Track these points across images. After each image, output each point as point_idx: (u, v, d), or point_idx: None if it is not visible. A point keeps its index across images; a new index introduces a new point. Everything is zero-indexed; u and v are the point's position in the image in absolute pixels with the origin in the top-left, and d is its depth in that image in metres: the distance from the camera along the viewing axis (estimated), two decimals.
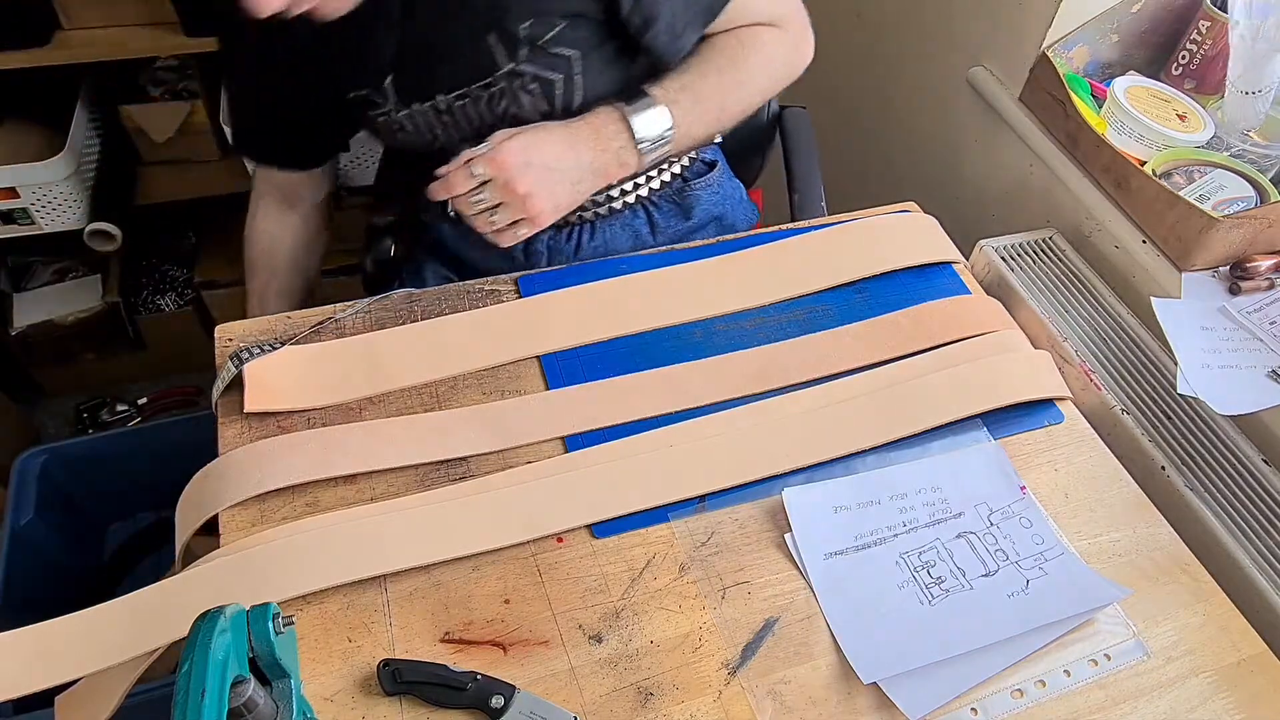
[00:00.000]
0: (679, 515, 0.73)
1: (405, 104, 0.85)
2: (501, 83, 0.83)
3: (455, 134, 0.88)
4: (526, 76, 0.83)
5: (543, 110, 0.85)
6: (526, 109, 0.85)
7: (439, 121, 0.86)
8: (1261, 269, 0.89)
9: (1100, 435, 0.82)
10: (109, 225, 1.43)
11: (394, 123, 0.87)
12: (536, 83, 0.83)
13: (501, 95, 0.84)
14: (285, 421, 0.76)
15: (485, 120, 0.86)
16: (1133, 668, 0.67)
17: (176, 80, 1.49)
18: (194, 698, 0.44)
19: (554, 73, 0.83)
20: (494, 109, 0.85)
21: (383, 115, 0.86)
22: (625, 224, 0.99)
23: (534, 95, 0.84)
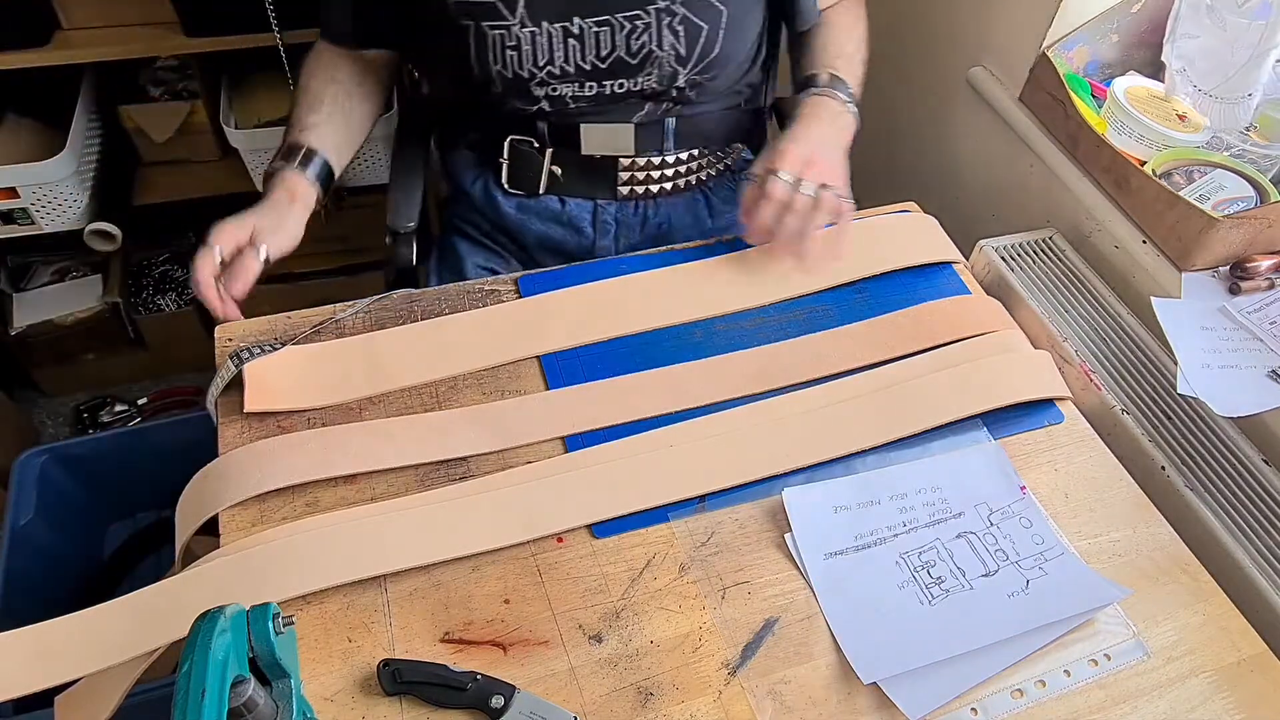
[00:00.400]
0: (679, 515, 0.73)
1: (534, 20, 0.84)
2: (649, 16, 0.84)
3: (570, 65, 0.86)
4: (677, 16, 0.85)
5: (678, 54, 0.87)
6: (664, 49, 0.87)
7: (562, 46, 0.85)
8: (1261, 269, 0.88)
9: (1100, 435, 0.82)
10: (109, 225, 1.43)
11: (507, 39, 0.84)
12: (684, 25, 0.86)
13: (645, 29, 0.85)
14: (285, 421, 0.76)
15: (614, 52, 0.86)
16: (1133, 668, 0.67)
17: (176, 80, 1.48)
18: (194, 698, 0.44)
19: (702, 20, 0.86)
20: (631, 42, 0.86)
21: (499, 28, 0.84)
22: (687, 204, 1.04)
23: (676, 36, 0.86)
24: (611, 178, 0.98)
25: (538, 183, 0.99)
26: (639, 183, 0.99)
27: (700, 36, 0.87)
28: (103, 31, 1.28)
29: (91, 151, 1.43)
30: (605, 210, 1.01)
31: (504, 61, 0.86)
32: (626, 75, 0.88)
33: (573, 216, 1.01)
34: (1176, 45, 0.96)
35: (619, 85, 0.89)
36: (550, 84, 0.88)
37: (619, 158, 0.97)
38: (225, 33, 1.29)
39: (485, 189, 1.02)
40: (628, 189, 0.99)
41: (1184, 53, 0.96)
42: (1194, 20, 0.94)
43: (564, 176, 0.99)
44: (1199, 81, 0.95)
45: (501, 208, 1.02)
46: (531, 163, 0.98)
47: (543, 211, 1.01)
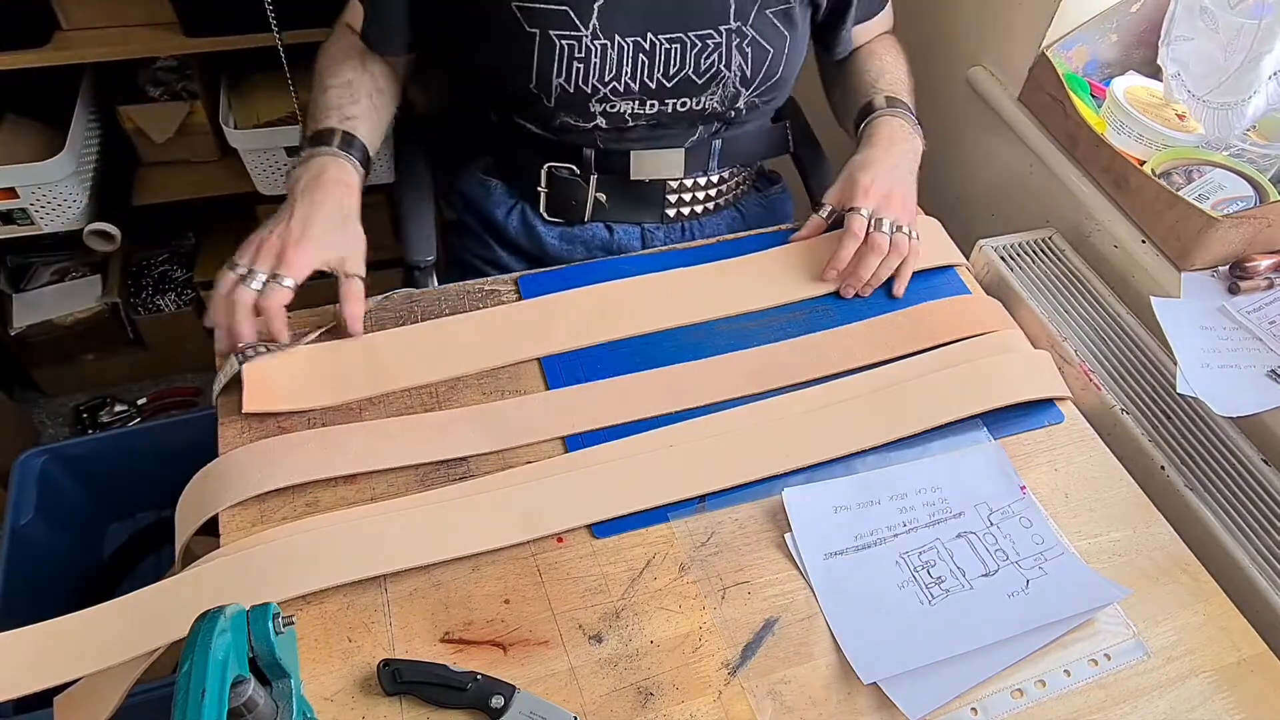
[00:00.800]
0: (679, 515, 0.73)
1: (607, 33, 0.83)
2: (720, 36, 0.85)
3: (636, 81, 0.86)
4: (747, 38, 0.86)
5: (743, 75, 0.88)
6: (731, 70, 0.87)
7: (631, 61, 0.84)
8: (1261, 269, 0.89)
9: (1100, 435, 0.82)
10: (109, 225, 1.43)
11: (576, 50, 0.83)
12: (752, 48, 0.87)
13: (715, 49, 0.86)
14: (285, 421, 0.76)
15: (682, 70, 0.86)
16: (1133, 668, 0.67)
17: (176, 80, 1.48)
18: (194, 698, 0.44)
19: (770, 44, 0.88)
20: (700, 61, 0.86)
21: (569, 39, 0.83)
22: (728, 223, 1.04)
23: (745, 58, 0.87)
24: (659, 201, 0.98)
25: (582, 210, 0.98)
26: (685, 204, 0.99)
27: (766, 60, 0.88)
28: (102, 31, 1.28)
29: (91, 151, 1.43)
30: (654, 235, 1.01)
31: (568, 74, 0.84)
32: (690, 95, 0.89)
33: (622, 244, 1.00)
34: (1171, 48, 0.96)
35: (680, 104, 0.89)
36: (611, 101, 0.87)
37: (667, 181, 0.96)
38: (225, 33, 1.29)
39: (524, 220, 1.00)
40: (674, 211, 0.99)
41: (1178, 56, 0.96)
42: (1188, 22, 0.94)
43: (609, 202, 0.97)
44: (1193, 87, 0.95)
45: (544, 239, 1.00)
46: (575, 190, 0.96)
47: (589, 240, 1.00)
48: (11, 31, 1.21)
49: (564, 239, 1.00)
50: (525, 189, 0.99)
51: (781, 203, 1.10)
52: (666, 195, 0.98)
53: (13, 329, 1.59)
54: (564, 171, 0.95)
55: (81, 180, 1.39)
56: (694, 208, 1.00)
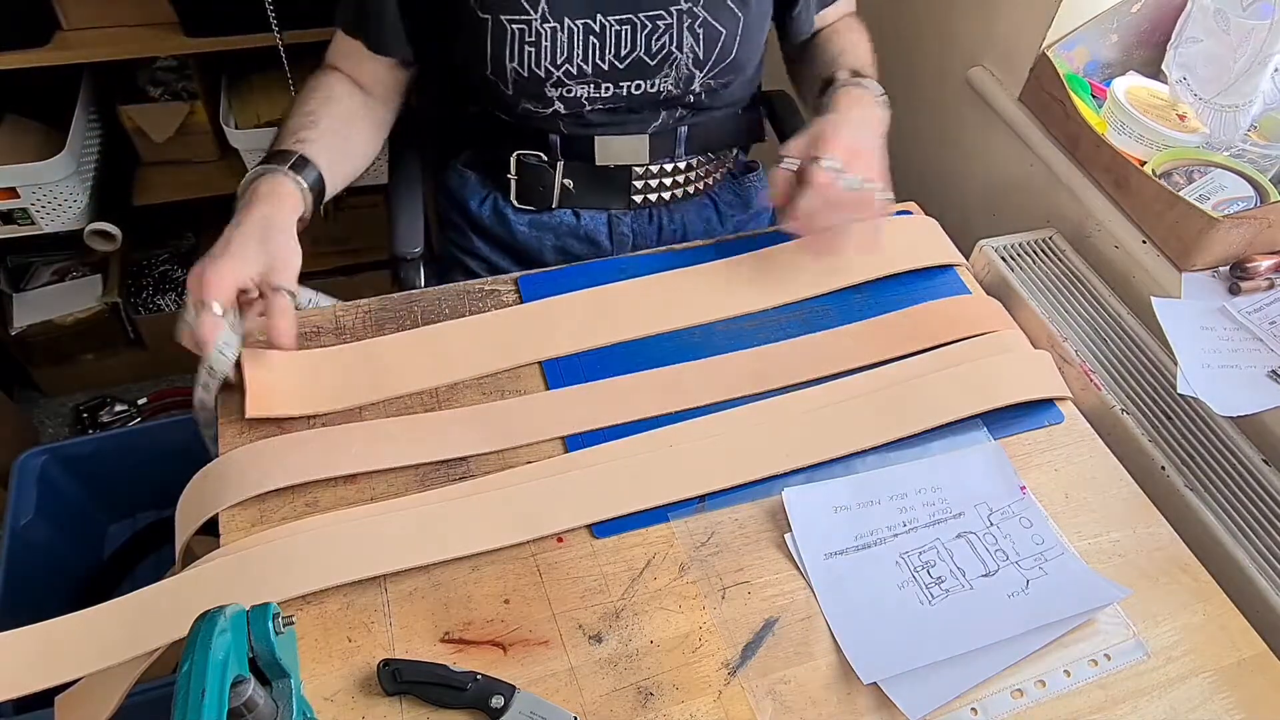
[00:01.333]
0: (679, 515, 0.73)
1: (556, 16, 0.83)
2: (670, 17, 0.85)
3: (588, 64, 0.86)
4: (698, 19, 0.86)
5: (696, 57, 0.88)
6: (683, 51, 0.87)
7: (583, 44, 0.84)
8: (1261, 269, 0.89)
9: (1100, 435, 0.82)
10: (109, 225, 1.43)
11: (527, 34, 0.83)
12: (704, 29, 0.86)
13: (666, 30, 0.85)
14: (285, 421, 0.76)
15: (634, 52, 0.86)
16: (1133, 668, 0.67)
17: (176, 80, 1.49)
18: (194, 698, 0.44)
19: (722, 25, 0.87)
20: (651, 42, 0.86)
21: (519, 23, 0.83)
22: (698, 210, 1.04)
23: (696, 39, 0.87)
24: (625, 187, 0.98)
25: (550, 197, 0.98)
26: (651, 190, 0.99)
27: (719, 41, 0.88)
28: (102, 31, 1.28)
29: (91, 151, 1.43)
30: (621, 221, 1.01)
31: (521, 58, 0.85)
32: (644, 76, 0.88)
33: (589, 230, 1.01)
34: (1180, 51, 0.97)
35: (635, 87, 0.89)
36: (566, 84, 0.87)
37: (632, 167, 0.97)
38: (225, 33, 1.29)
39: (495, 208, 1.01)
40: (641, 197, 0.99)
41: (1186, 59, 0.96)
42: (1201, 23, 0.94)
43: (576, 189, 0.98)
44: (1199, 89, 0.96)
45: (514, 226, 1.01)
46: (542, 176, 0.97)
47: (558, 227, 1.00)
48: (11, 31, 1.22)
49: (533, 226, 1.01)
50: (497, 177, 1.00)
51: (757, 191, 1.09)
52: (633, 181, 0.98)
53: (13, 329, 1.59)
54: (532, 159, 0.96)
55: (81, 180, 1.39)
56: (661, 194, 1.00)
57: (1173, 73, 0.98)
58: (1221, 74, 0.94)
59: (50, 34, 1.25)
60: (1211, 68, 0.94)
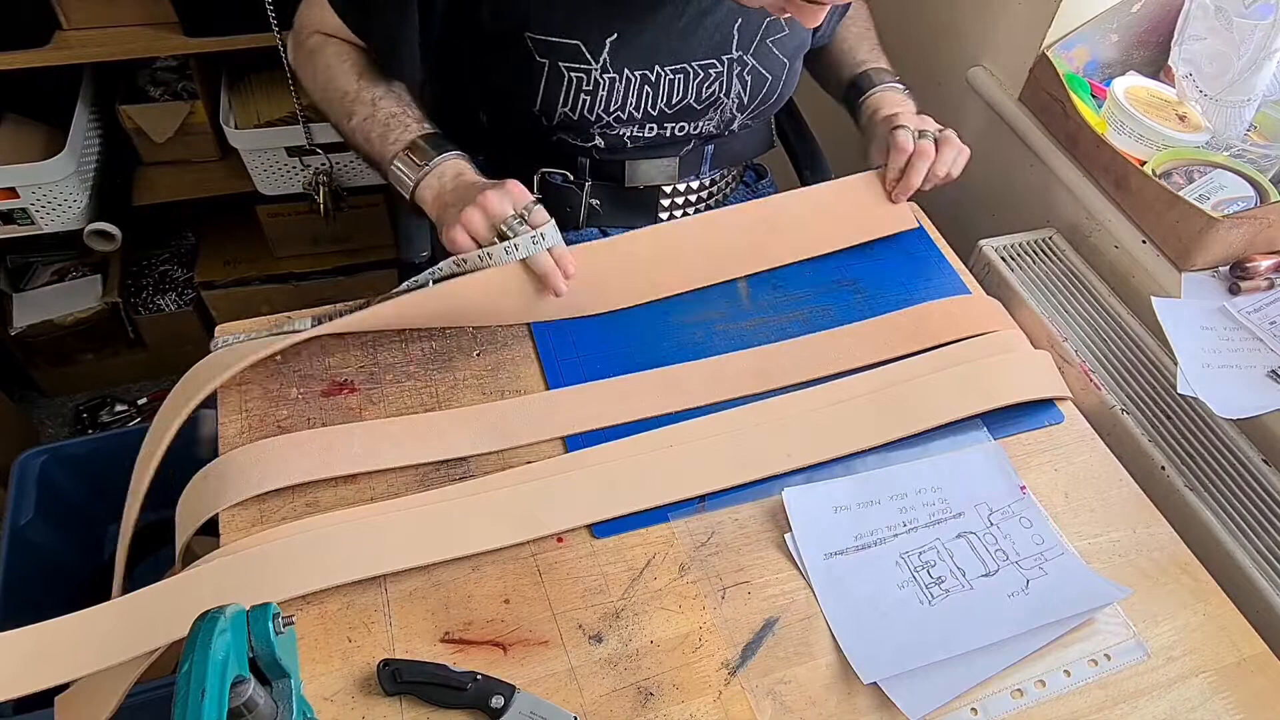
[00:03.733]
0: (679, 515, 0.73)
1: (617, 68, 0.84)
2: (722, 66, 0.87)
3: (639, 110, 0.87)
4: (747, 66, 0.88)
5: (741, 102, 0.91)
6: (729, 98, 0.90)
7: (637, 93, 0.86)
8: (1261, 269, 0.89)
9: (1100, 435, 0.82)
10: (109, 225, 1.43)
11: (585, 83, 0.84)
12: (752, 76, 0.89)
13: (717, 78, 0.87)
14: (285, 421, 0.76)
15: (684, 99, 0.88)
16: (1133, 668, 0.67)
17: (176, 80, 1.48)
18: (194, 698, 0.44)
19: (769, 71, 0.90)
20: (701, 89, 0.88)
21: (578, 71, 0.83)
22: None
23: (744, 86, 0.89)
24: (653, 206, 0.99)
25: (576, 217, 0.98)
26: (678, 207, 1.00)
27: (764, 86, 0.91)
28: (103, 31, 1.28)
29: (91, 151, 1.43)
30: None
31: (574, 104, 0.85)
32: (688, 119, 0.90)
33: None
34: (1184, 48, 0.97)
35: (679, 129, 0.91)
36: (615, 127, 0.88)
37: (661, 186, 0.97)
38: (225, 33, 1.29)
39: None
40: (668, 215, 1.00)
41: (1191, 56, 0.96)
42: (1202, 21, 0.94)
43: (603, 209, 0.98)
44: (1204, 86, 0.96)
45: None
46: (568, 197, 0.97)
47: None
48: (11, 31, 1.22)
49: None
50: None
51: (768, 195, 1.10)
52: (660, 200, 0.98)
53: (13, 329, 1.59)
54: (557, 178, 0.95)
55: (81, 180, 1.39)
56: (686, 210, 1.01)
57: (1178, 69, 0.98)
58: (1225, 70, 0.93)
59: (50, 34, 1.25)
60: (1216, 64, 0.94)
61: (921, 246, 0.95)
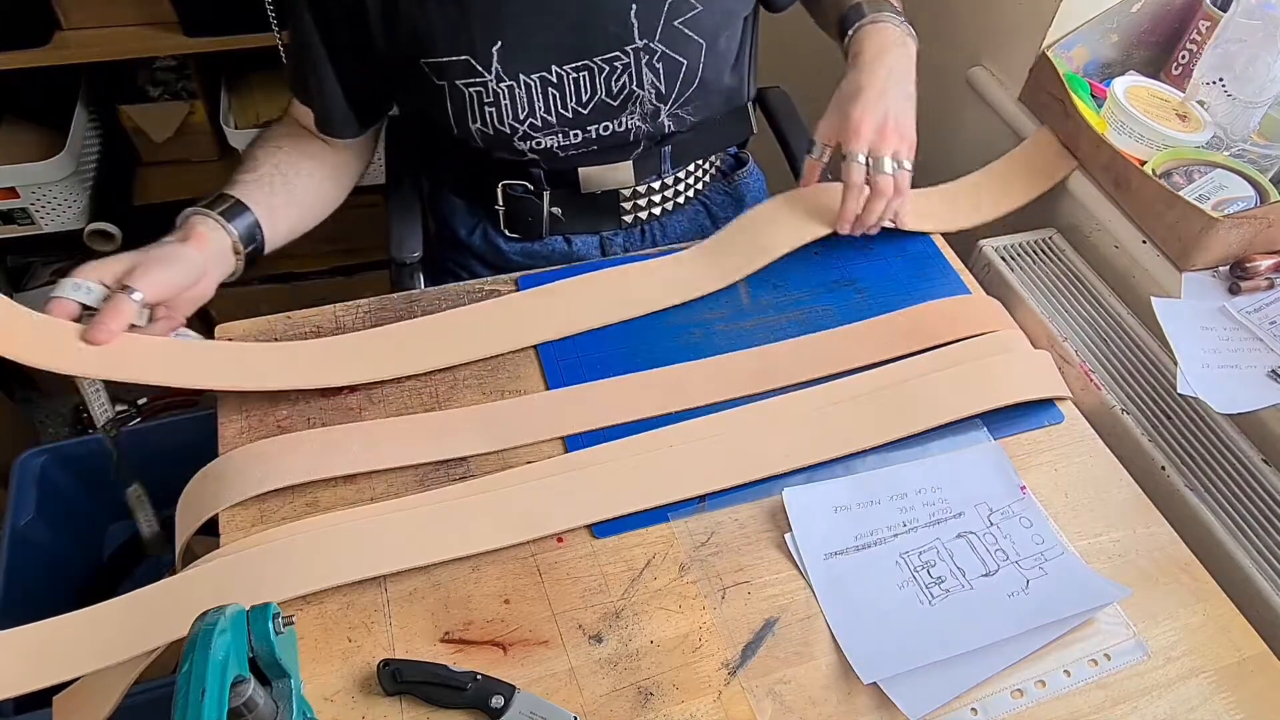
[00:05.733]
0: (679, 515, 0.73)
1: (510, 74, 0.82)
2: (627, 57, 0.83)
3: (551, 114, 0.85)
4: (656, 54, 0.84)
5: (658, 91, 0.87)
6: (645, 88, 0.86)
7: (542, 97, 0.83)
8: (1261, 269, 0.88)
9: (1100, 435, 0.82)
10: (109, 225, 1.43)
11: (484, 96, 0.82)
12: (663, 63, 0.85)
13: (624, 70, 0.84)
14: (285, 421, 0.76)
15: (594, 96, 0.85)
16: (1133, 668, 0.67)
17: (176, 80, 1.49)
18: (194, 698, 0.44)
19: (681, 55, 0.85)
20: (611, 84, 0.85)
21: (474, 86, 0.82)
22: (690, 218, 1.03)
23: (656, 74, 0.85)
24: (615, 209, 0.98)
25: (539, 226, 0.97)
26: (641, 209, 0.99)
27: (680, 72, 0.86)
28: (102, 31, 1.28)
29: (91, 151, 1.43)
30: (613, 242, 1.00)
31: (483, 119, 0.84)
32: (609, 118, 0.88)
33: (581, 254, 1.00)
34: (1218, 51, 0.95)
35: (604, 128, 0.88)
36: (534, 136, 0.86)
37: (619, 190, 0.96)
38: (224, 33, 1.29)
39: (485, 236, 1.00)
40: (631, 217, 0.99)
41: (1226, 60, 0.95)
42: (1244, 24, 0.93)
43: (565, 216, 0.97)
44: (1235, 89, 0.95)
45: (507, 255, 1.00)
46: (529, 207, 0.96)
47: (550, 254, 0.99)
48: (11, 31, 1.22)
49: (525, 254, 1.00)
50: (485, 207, 0.99)
51: (749, 186, 1.08)
52: (621, 204, 0.97)
53: None
54: (518, 189, 0.95)
55: (81, 180, 1.39)
56: (651, 210, 0.99)
57: (1205, 74, 0.97)
58: (1262, 73, 0.93)
59: (50, 34, 1.25)
60: (1254, 67, 0.93)
61: (921, 246, 0.95)
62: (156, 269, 0.72)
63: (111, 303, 0.70)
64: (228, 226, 0.79)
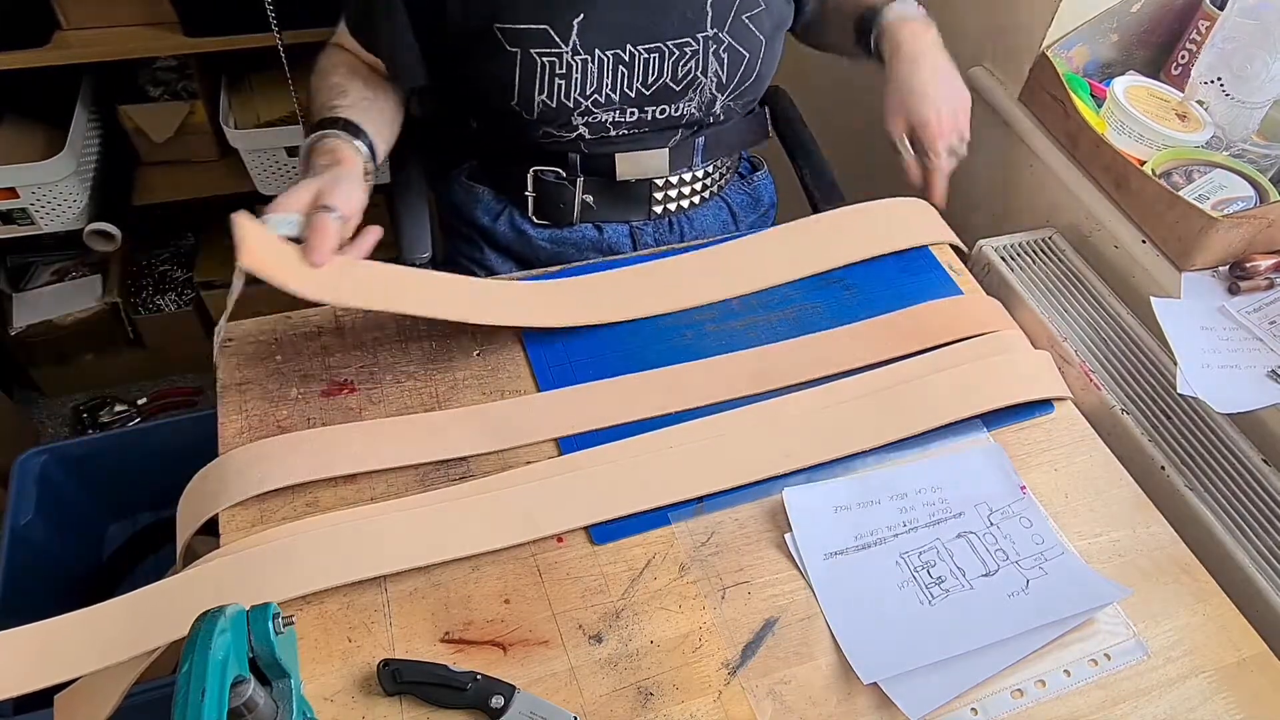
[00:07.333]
0: (679, 516, 0.72)
1: (587, 49, 0.83)
2: (697, 44, 0.86)
3: (616, 92, 0.87)
4: (723, 44, 0.87)
5: (719, 81, 0.90)
6: (707, 77, 0.89)
7: (612, 74, 0.85)
8: (1261, 269, 0.88)
9: (1100, 435, 0.82)
10: (109, 225, 1.43)
11: (557, 67, 0.83)
12: (729, 54, 0.88)
13: (693, 56, 0.87)
14: (285, 421, 0.76)
15: (660, 79, 0.87)
16: (1133, 668, 0.67)
17: (176, 80, 1.49)
18: (194, 698, 0.44)
19: (745, 49, 0.89)
20: (677, 69, 0.87)
21: (549, 56, 0.83)
22: (714, 213, 1.05)
23: (721, 64, 0.88)
24: (646, 199, 0.98)
25: (570, 213, 0.98)
26: (671, 200, 1.00)
27: (742, 64, 0.90)
28: (102, 31, 1.28)
29: (91, 151, 1.43)
30: (644, 232, 1.01)
31: (550, 90, 0.85)
32: (669, 101, 0.90)
33: (611, 243, 1.00)
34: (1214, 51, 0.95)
35: (660, 111, 0.90)
36: (593, 112, 0.88)
37: (653, 179, 0.97)
38: (225, 33, 1.29)
39: (512, 223, 1.00)
40: (661, 208, 1.00)
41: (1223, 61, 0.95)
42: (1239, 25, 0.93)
43: (597, 203, 0.98)
44: (1234, 90, 0.95)
45: (535, 242, 1.00)
46: (561, 193, 0.96)
47: (580, 241, 1.00)
48: (11, 31, 1.22)
49: (554, 241, 1.00)
50: (512, 193, 0.99)
51: (765, 188, 1.10)
52: (653, 193, 0.98)
53: (13, 329, 1.59)
54: (549, 176, 0.95)
55: (81, 180, 1.39)
56: (680, 203, 1.00)
57: (1202, 75, 0.97)
58: (1260, 73, 0.93)
59: (50, 34, 1.25)
60: (1252, 66, 0.93)
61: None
62: (342, 187, 0.75)
63: (316, 223, 0.72)
64: (361, 148, 0.81)
